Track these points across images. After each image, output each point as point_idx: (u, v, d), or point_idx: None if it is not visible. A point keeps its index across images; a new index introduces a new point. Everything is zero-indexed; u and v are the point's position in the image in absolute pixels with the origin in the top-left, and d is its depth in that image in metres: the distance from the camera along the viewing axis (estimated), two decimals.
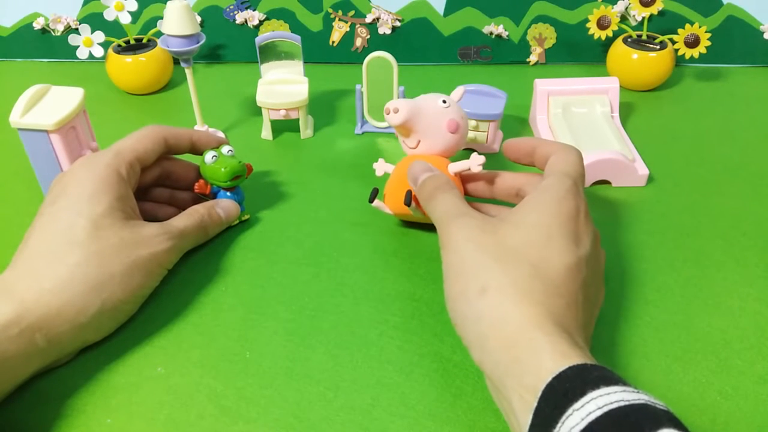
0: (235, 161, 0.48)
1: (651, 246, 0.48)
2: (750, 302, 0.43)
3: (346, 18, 0.77)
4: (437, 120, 0.46)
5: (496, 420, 0.36)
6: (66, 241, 0.38)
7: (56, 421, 0.36)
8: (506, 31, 0.76)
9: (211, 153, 0.48)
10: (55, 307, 0.36)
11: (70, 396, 0.37)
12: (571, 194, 0.38)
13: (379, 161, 0.51)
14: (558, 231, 0.36)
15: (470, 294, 0.34)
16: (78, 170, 0.42)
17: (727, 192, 0.54)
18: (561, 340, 0.30)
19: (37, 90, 0.49)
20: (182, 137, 0.48)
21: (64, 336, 0.37)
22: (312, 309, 0.43)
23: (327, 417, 0.36)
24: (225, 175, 0.47)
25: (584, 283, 0.35)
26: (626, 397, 0.26)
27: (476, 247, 0.35)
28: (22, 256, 0.39)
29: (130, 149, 0.44)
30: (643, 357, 0.39)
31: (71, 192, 0.40)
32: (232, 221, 0.50)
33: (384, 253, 0.48)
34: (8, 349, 0.34)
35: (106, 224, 0.39)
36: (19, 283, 0.37)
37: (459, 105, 0.49)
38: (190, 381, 0.38)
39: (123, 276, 0.39)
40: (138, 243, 0.40)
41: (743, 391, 0.37)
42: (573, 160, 0.41)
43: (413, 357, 0.40)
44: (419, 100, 0.47)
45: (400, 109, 0.46)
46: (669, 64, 0.69)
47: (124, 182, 0.42)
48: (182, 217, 0.45)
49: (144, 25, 0.78)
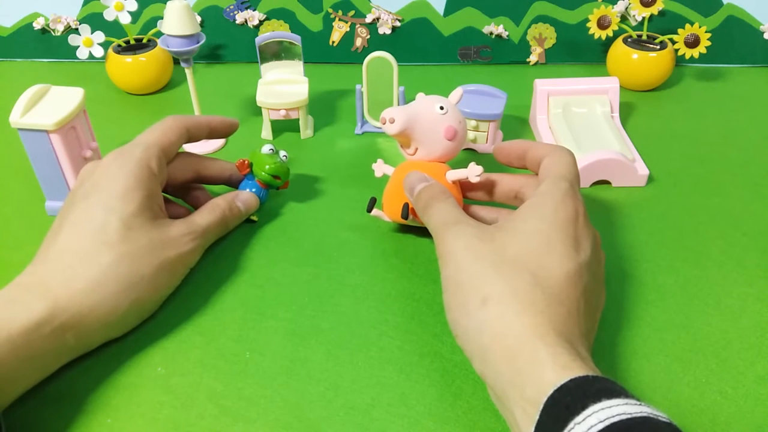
0: (284, 165, 0.50)
1: (651, 246, 0.48)
2: (750, 302, 0.43)
3: (346, 18, 0.77)
4: (435, 127, 0.46)
5: (496, 420, 0.36)
6: (99, 240, 0.38)
7: (56, 421, 0.36)
8: (506, 31, 0.76)
9: (269, 146, 0.50)
10: (87, 308, 0.37)
11: (70, 396, 0.37)
12: (569, 197, 0.37)
13: (378, 162, 0.50)
14: (557, 237, 0.35)
15: (471, 306, 0.33)
16: (110, 164, 0.42)
17: (727, 192, 0.54)
18: (563, 351, 0.30)
19: (37, 90, 0.49)
20: (202, 125, 0.48)
21: (93, 334, 0.38)
22: (312, 309, 0.43)
23: (327, 417, 0.36)
24: (268, 171, 0.49)
25: (585, 289, 0.35)
26: (628, 410, 0.26)
27: (474, 256, 0.35)
28: (54, 250, 0.38)
29: (157, 142, 0.44)
30: (643, 357, 0.39)
31: (104, 187, 0.40)
32: (250, 214, 0.50)
33: (384, 253, 0.48)
34: (41, 347, 0.35)
35: (136, 224, 0.40)
36: (52, 280, 0.37)
37: (457, 108, 0.48)
38: (190, 381, 0.38)
39: (152, 277, 0.39)
40: (165, 244, 0.41)
41: (743, 391, 0.37)
42: (567, 161, 0.41)
43: (413, 357, 0.40)
44: (416, 106, 0.46)
45: (396, 118, 0.45)
46: (669, 64, 0.69)
47: (155, 178, 0.43)
48: (204, 213, 0.45)
49: (144, 25, 0.78)
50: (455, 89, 0.49)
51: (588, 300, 0.35)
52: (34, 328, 0.34)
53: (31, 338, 0.34)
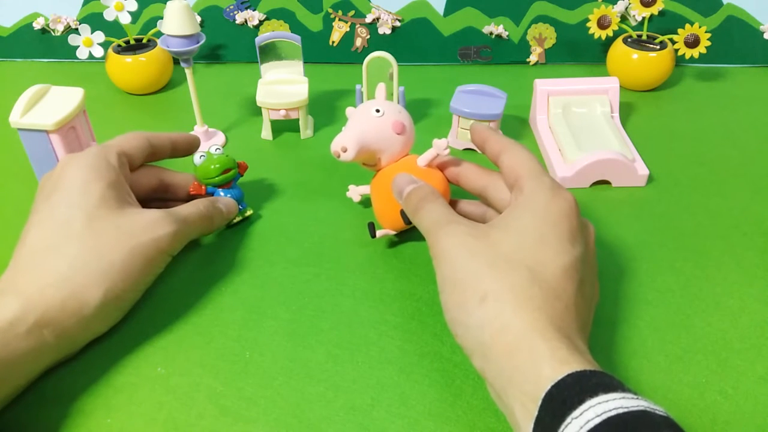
0: (223, 156, 0.48)
1: (651, 246, 0.48)
2: (750, 302, 0.43)
3: (346, 18, 0.77)
4: (383, 130, 0.45)
5: (496, 420, 0.36)
6: (64, 234, 0.38)
7: (56, 421, 0.36)
8: (506, 31, 0.76)
9: (198, 153, 0.48)
10: (59, 301, 0.36)
11: (70, 396, 0.37)
12: (558, 192, 0.37)
13: (350, 189, 0.51)
14: (551, 232, 0.35)
15: (469, 303, 0.33)
16: (66, 164, 0.42)
17: (727, 192, 0.54)
18: (561, 346, 0.30)
19: (37, 90, 0.49)
20: (162, 137, 0.48)
21: (71, 330, 0.37)
22: (312, 309, 0.43)
23: (327, 417, 0.36)
24: (215, 171, 0.48)
25: (581, 282, 0.35)
26: (625, 404, 0.26)
27: (470, 254, 0.35)
28: (22, 253, 0.39)
29: (116, 143, 0.44)
30: (643, 357, 0.39)
31: (63, 186, 0.40)
32: (234, 216, 0.50)
33: (384, 253, 0.48)
34: (18, 347, 0.35)
35: (101, 215, 0.40)
36: (20, 280, 0.37)
37: (388, 101, 0.47)
38: (190, 381, 0.38)
39: (123, 264, 0.39)
40: (136, 229, 0.40)
41: (743, 391, 0.37)
42: (529, 156, 0.40)
43: (413, 357, 0.40)
44: (356, 123, 0.46)
45: (347, 145, 0.44)
46: (669, 64, 0.69)
47: (114, 169, 0.42)
48: (185, 206, 0.45)
49: (144, 25, 0.78)
50: (377, 86, 0.49)
51: (584, 293, 0.35)
52: (8, 328, 0.34)
53: (7, 338, 0.34)
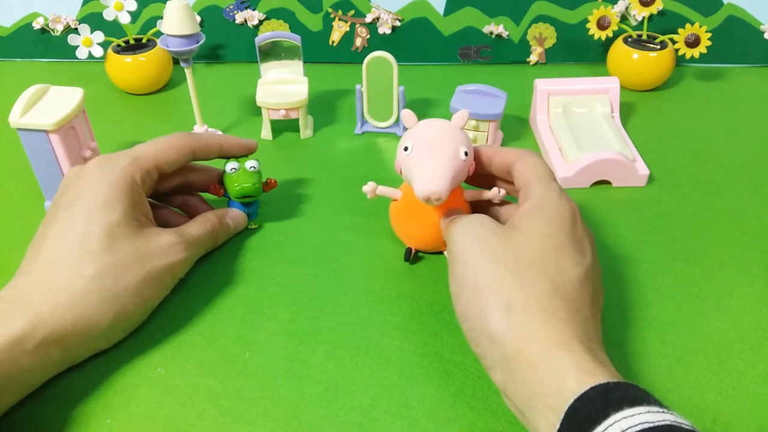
0: (251, 182, 0.47)
1: (651, 246, 0.48)
2: (750, 302, 0.43)
3: (346, 18, 0.77)
4: (464, 175, 0.42)
5: (496, 420, 0.36)
6: (81, 251, 0.38)
7: (56, 422, 0.36)
8: (506, 31, 0.76)
9: (232, 164, 0.47)
10: (70, 321, 0.36)
11: (69, 397, 0.37)
12: (564, 199, 0.38)
13: (369, 184, 0.45)
14: (568, 241, 0.35)
15: (492, 314, 0.33)
16: (93, 173, 0.41)
17: (727, 192, 0.54)
18: (586, 359, 0.30)
19: (37, 90, 0.49)
20: (212, 148, 0.46)
21: (78, 348, 0.37)
22: (312, 309, 0.43)
23: (327, 417, 0.36)
24: (237, 192, 0.47)
25: (594, 292, 0.35)
26: (650, 418, 0.26)
27: (491, 256, 0.35)
28: (37, 263, 0.38)
29: (151, 157, 0.43)
30: (643, 357, 0.39)
31: (86, 197, 0.40)
32: (240, 230, 0.50)
33: (384, 253, 0.48)
34: (25, 362, 0.34)
35: (120, 234, 0.39)
36: (33, 292, 0.36)
37: (467, 133, 0.44)
38: (189, 381, 0.38)
39: (137, 288, 0.39)
40: (152, 254, 0.40)
41: (743, 391, 0.37)
42: (541, 162, 0.41)
43: (413, 357, 0.40)
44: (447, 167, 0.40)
45: (441, 197, 0.39)
46: (669, 64, 0.69)
47: (138, 188, 0.41)
48: (195, 225, 0.45)
49: (144, 25, 0.78)
50: (460, 113, 0.43)
51: (594, 303, 0.35)
52: (17, 343, 0.34)
53: (14, 353, 0.34)
